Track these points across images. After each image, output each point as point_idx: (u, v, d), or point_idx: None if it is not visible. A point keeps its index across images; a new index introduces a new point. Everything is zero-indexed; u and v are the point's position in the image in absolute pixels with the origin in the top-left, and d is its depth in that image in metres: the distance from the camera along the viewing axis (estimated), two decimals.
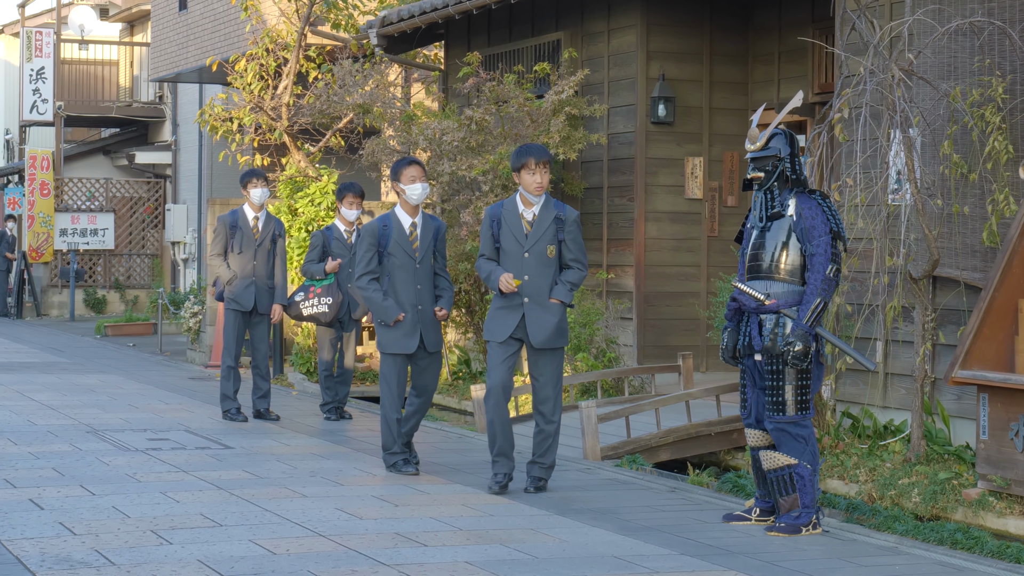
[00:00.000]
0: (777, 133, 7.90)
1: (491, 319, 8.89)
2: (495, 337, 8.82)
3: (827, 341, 7.86)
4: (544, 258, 8.80)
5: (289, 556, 6.88)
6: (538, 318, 8.76)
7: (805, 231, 7.71)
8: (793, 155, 7.86)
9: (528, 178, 8.77)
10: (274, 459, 10.10)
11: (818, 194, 7.82)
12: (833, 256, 7.66)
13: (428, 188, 9.73)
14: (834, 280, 7.67)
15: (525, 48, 15.99)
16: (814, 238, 7.67)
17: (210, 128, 20.19)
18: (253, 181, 12.21)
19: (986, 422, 9.37)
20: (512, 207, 8.90)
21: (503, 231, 8.84)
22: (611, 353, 14.21)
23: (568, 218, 8.85)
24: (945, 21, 10.27)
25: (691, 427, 11.40)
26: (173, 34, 26.31)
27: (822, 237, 7.67)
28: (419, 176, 9.51)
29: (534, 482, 8.92)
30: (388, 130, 17.08)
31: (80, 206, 29.41)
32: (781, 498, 7.83)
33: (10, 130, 37.27)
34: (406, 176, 9.50)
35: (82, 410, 12.81)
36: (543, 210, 8.83)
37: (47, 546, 6.97)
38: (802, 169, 7.89)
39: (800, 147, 8.13)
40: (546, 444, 8.95)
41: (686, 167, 14.57)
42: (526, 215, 8.83)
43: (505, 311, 8.82)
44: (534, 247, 8.77)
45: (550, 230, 8.79)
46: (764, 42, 14.58)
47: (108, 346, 21.55)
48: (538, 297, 8.78)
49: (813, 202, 7.76)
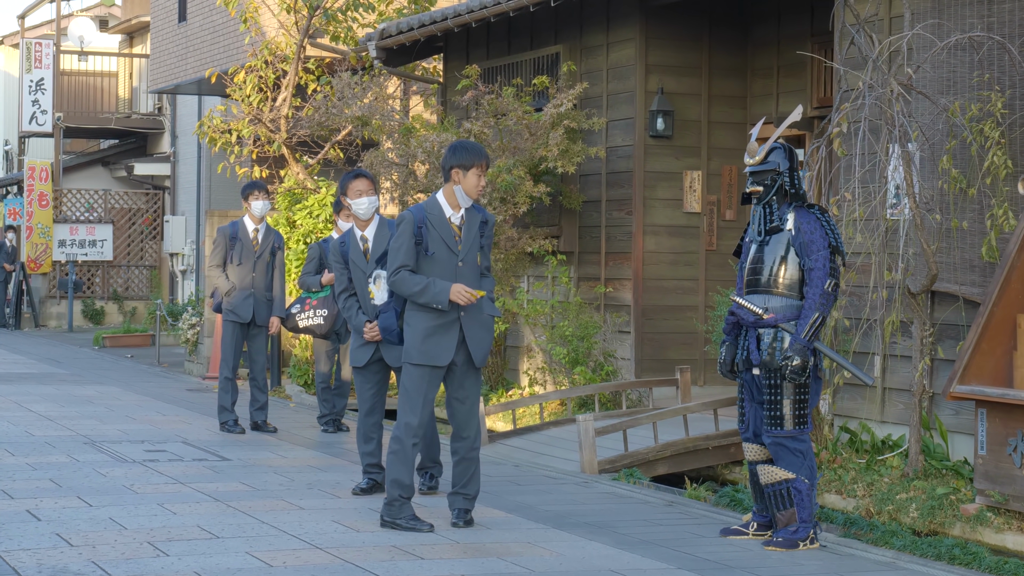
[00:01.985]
0: (776, 147, 7.90)
1: (424, 339, 7.78)
2: (436, 360, 7.77)
3: (825, 356, 7.86)
4: (475, 267, 7.93)
5: (286, 568, 6.87)
6: (477, 335, 7.89)
7: (804, 245, 7.72)
8: (792, 169, 7.86)
9: (474, 180, 7.86)
10: (271, 471, 10.09)
11: (817, 208, 7.82)
12: (831, 271, 7.67)
13: (377, 201, 9.33)
14: (832, 295, 7.67)
15: (524, 61, 16.01)
16: (812, 252, 7.68)
17: (209, 140, 20.20)
18: (255, 193, 12.22)
19: (984, 437, 9.36)
20: (438, 210, 7.91)
21: (431, 237, 7.85)
22: (609, 366, 14.20)
23: (491, 221, 8.06)
24: (944, 36, 10.28)
25: (689, 441, 11.39)
26: (172, 46, 26.33)
27: (821, 251, 7.68)
28: (366, 190, 9.33)
29: (462, 515, 8.06)
30: (387, 142, 17.08)
31: (79, 217, 29.42)
32: (779, 512, 7.82)
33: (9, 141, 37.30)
34: (352, 190, 9.30)
35: (80, 421, 12.80)
36: (469, 213, 7.96)
37: (44, 557, 6.96)
38: (801, 183, 7.90)
39: (799, 161, 8.13)
40: (470, 471, 8.03)
41: (684, 181, 14.57)
42: (454, 219, 7.92)
43: (441, 329, 7.79)
44: (467, 255, 7.90)
45: (476, 235, 7.95)
46: (763, 56, 14.59)
47: (106, 357, 21.54)
48: (475, 311, 7.90)
49: (812, 216, 7.77)
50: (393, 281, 7.83)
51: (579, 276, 15.19)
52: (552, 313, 14.51)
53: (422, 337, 7.80)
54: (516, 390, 15.46)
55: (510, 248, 14.67)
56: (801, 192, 7.87)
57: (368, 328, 8.89)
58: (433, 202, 7.91)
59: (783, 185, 7.84)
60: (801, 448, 7.73)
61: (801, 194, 7.86)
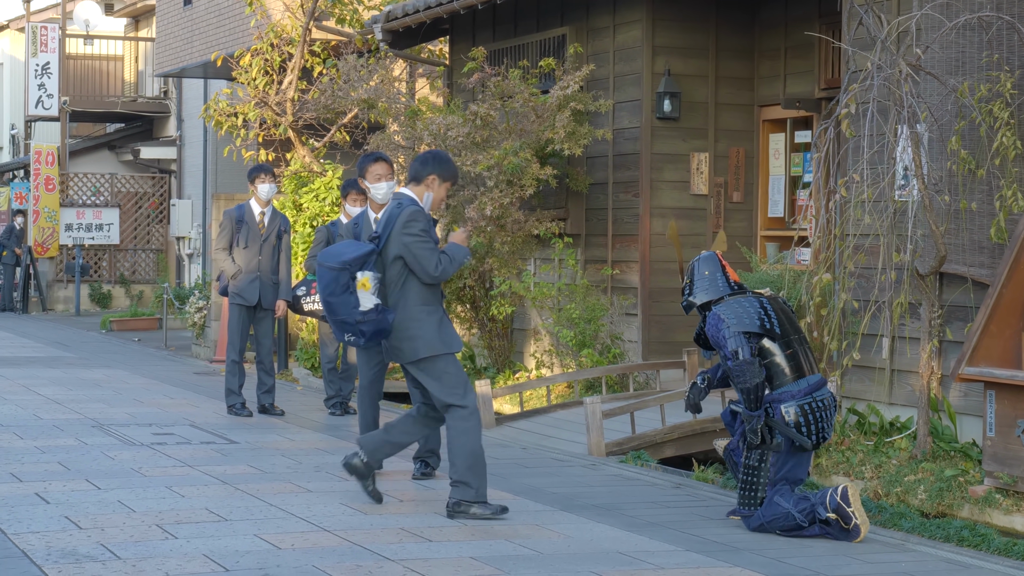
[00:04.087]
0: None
1: (439, 330, 7.90)
2: (457, 347, 7.96)
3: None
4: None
5: (294, 551, 6.87)
6: None
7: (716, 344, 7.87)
8: (691, 281, 8.08)
9: (443, 195, 8.00)
10: (279, 454, 10.09)
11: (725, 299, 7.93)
12: (734, 353, 7.67)
13: (394, 186, 9.31)
14: (738, 367, 7.65)
15: (530, 43, 15.97)
16: (721, 348, 7.79)
17: (215, 123, 20.18)
18: (261, 176, 12.21)
19: (993, 419, 9.34)
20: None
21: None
22: (616, 349, 14.19)
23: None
24: (953, 16, 10.23)
25: (696, 423, 11.38)
26: (178, 29, 26.31)
27: (724, 345, 7.75)
28: (385, 174, 9.30)
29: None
30: (393, 125, 17.06)
31: (85, 201, 29.42)
32: None
33: (15, 125, 37.28)
34: (371, 174, 9.25)
35: (88, 404, 12.81)
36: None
37: (53, 540, 6.96)
38: (699, 289, 8.03)
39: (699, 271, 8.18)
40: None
41: (691, 163, 14.54)
42: None
43: (445, 319, 8.05)
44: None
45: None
46: (770, 37, 14.55)
47: (113, 341, 21.55)
48: None
49: (713, 314, 7.87)
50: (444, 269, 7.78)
51: (586, 258, 15.16)
52: (559, 296, 14.50)
53: (436, 329, 7.85)
54: (523, 373, 15.46)
55: (516, 231, 14.65)
56: (697, 300, 8.01)
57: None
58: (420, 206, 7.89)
59: (693, 304, 8.05)
60: (774, 512, 7.71)
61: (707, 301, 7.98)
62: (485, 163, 14.25)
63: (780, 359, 7.71)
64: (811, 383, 7.74)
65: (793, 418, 7.63)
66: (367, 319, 7.69)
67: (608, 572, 6.63)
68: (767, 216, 14.80)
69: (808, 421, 7.65)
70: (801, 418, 7.63)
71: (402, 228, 7.73)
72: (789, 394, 7.67)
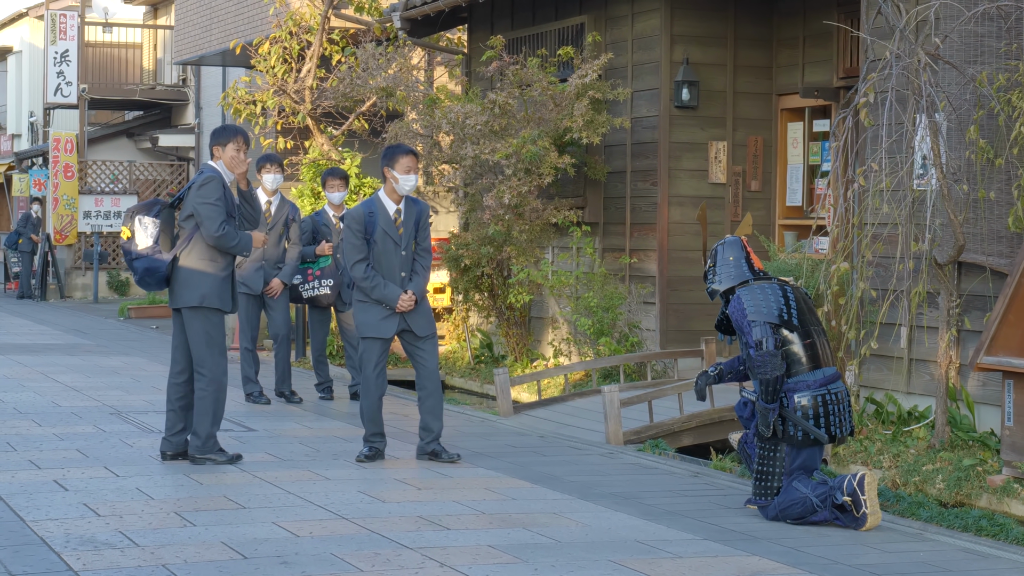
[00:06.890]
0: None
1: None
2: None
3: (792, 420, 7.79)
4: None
5: (312, 539, 6.89)
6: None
7: (738, 328, 7.85)
8: (714, 266, 8.07)
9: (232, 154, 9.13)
10: (297, 442, 10.12)
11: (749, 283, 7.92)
12: (757, 343, 7.66)
13: (418, 180, 9.83)
14: (759, 359, 7.64)
15: (549, 32, 15.95)
16: (744, 334, 7.75)
17: (233, 111, 20.21)
18: (267, 166, 12.22)
19: (1011, 408, 9.32)
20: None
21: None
22: (634, 337, 14.19)
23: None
24: (972, 5, 10.20)
25: (714, 412, 11.38)
26: (197, 17, 26.31)
27: (747, 332, 7.72)
28: (414, 168, 9.40)
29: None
30: (411, 113, 17.06)
31: (104, 189, 29.48)
32: None
33: (34, 112, 37.36)
34: (402, 166, 9.30)
35: (106, 392, 12.85)
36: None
37: (71, 527, 6.99)
38: (723, 275, 8.01)
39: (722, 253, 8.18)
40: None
41: (710, 151, 14.52)
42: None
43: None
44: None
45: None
46: (789, 26, 14.51)
47: (131, 328, 21.61)
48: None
49: (735, 297, 7.85)
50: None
51: (604, 247, 15.16)
52: (577, 284, 14.50)
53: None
54: (541, 361, 15.47)
55: (535, 219, 14.65)
56: (722, 286, 7.99)
57: (405, 298, 9.05)
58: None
59: (716, 290, 8.05)
60: (793, 498, 7.70)
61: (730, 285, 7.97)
62: (503, 151, 14.25)
63: (798, 347, 7.70)
64: (827, 375, 7.73)
65: (807, 407, 7.62)
66: (140, 256, 8.97)
67: (626, 560, 6.64)
68: (785, 205, 14.77)
69: (822, 413, 7.64)
70: (812, 410, 7.63)
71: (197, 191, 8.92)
72: (804, 384, 7.67)
